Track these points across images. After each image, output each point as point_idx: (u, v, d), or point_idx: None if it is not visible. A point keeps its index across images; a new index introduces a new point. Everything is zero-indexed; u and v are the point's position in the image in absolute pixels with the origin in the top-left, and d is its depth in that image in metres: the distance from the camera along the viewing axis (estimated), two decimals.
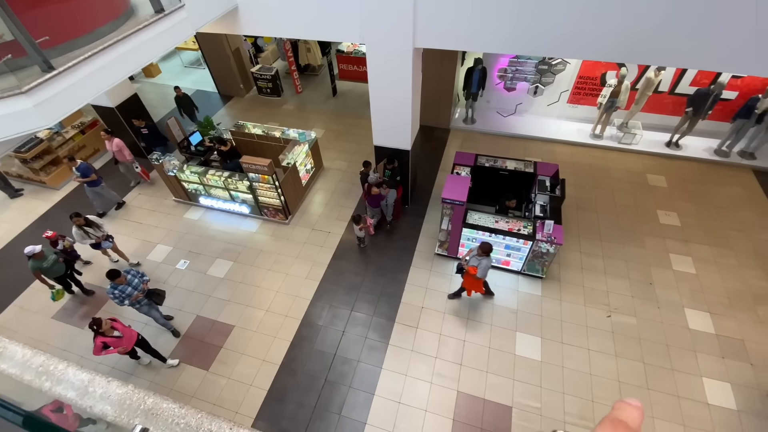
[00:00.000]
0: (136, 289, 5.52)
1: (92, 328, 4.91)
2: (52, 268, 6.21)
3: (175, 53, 14.24)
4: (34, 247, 5.94)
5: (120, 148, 8.20)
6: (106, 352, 5.07)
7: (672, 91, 8.75)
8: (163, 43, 4.71)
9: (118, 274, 5.31)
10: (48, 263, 6.12)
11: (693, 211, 7.69)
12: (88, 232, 6.51)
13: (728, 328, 5.98)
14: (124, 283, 5.42)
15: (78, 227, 6.42)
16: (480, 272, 5.56)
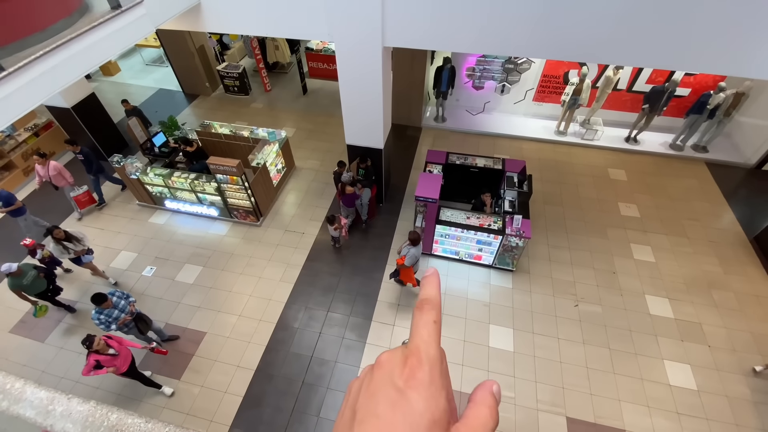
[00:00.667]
0: (123, 312, 5.14)
1: (84, 344, 4.55)
2: (33, 285, 5.82)
3: (136, 50, 13.63)
4: (11, 264, 5.51)
5: (58, 171, 7.33)
6: (96, 372, 4.66)
7: (630, 88, 9.21)
8: (120, 40, 4.50)
9: (105, 298, 4.92)
10: (28, 280, 5.71)
11: (651, 202, 8.13)
12: (67, 247, 6.04)
13: (686, 312, 6.37)
14: (111, 306, 5.02)
15: (57, 241, 5.94)
16: (407, 260, 5.77)
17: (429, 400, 0.37)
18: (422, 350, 0.41)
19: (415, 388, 0.38)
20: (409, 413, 0.36)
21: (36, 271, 5.86)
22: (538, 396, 5.48)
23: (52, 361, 5.96)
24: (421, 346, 0.42)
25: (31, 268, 5.82)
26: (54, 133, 9.44)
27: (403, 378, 0.39)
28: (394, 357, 0.43)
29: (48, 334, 6.27)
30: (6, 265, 5.49)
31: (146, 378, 5.38)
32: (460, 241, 6.60)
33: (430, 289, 0.48)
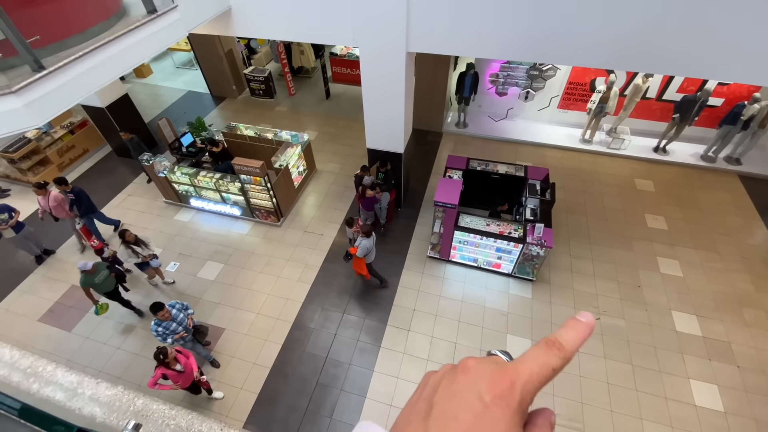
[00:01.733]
0: (180, 325, 5.06)
1: (158, 358, 4.46)
2: (103, 284, 5.88)
3: (168, 54, 14.14)
4: (87, 262, 5.58)
5: (58, 203, 6.88)
6: (160, 387, 4.61)
7: (659, 97, 8.94)
8: (155, 43, 4.69)
9: (161, 306, 4.84)
10: (99, 279, 5.79)
11: (680, 215, 7.84)
12: (136, 251, 6.09)
13: (715, 330, 6.09)
14: (169, 318, 4.94)
15: (127, 245, 6.00)
16: (359, 251, 5.88)
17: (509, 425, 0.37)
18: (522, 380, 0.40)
19: (500, 407, 0.38)
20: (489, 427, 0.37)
21: (108, 271, 5.96)
22: (555, 410, 5.29)
23: (78, 351, 6.18)
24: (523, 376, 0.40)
25: (104, 267, 5.90)
26: (88, 132, 9.86)
27: (490, 393, 0.39)
28: (484, 367, 0.43)
29: (75, 324, 6.51)
30: (82, 262, 5.58)
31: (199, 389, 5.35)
32: (478, 248, 6.53)
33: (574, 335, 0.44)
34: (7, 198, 8.93)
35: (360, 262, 6.14)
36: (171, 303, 5.09)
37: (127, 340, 6.26)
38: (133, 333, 6.34)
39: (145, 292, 6.94)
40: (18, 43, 3.39)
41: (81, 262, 5.59)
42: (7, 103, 3.35)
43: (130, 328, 6.40)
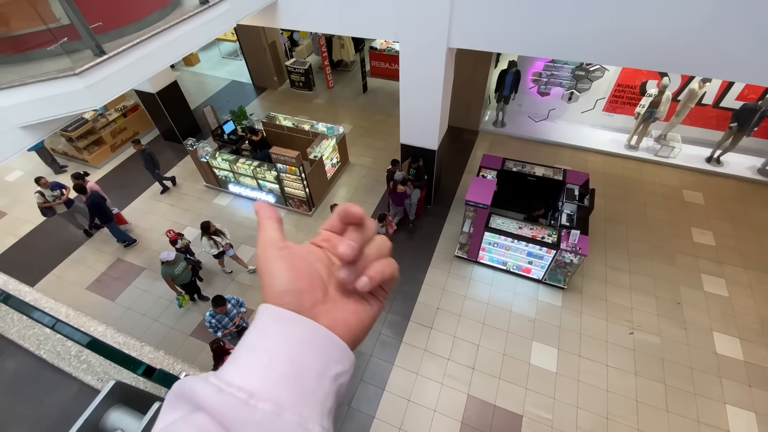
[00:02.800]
0: (231, 321, 5.19)
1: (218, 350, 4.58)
2: (182, 275, 6.02)
3: (215, 44, 14.69)
4: (170, 253, 5.75)
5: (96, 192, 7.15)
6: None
7: (716, 104, 8.34)
8: (205, 33, 4.89)
9: (223, 301, 4.97)
10: (179, 270, 5.92)
11: (730, 231, 7.33)
12: (217, 242, 6.26)
13: (758, 355, 5.68)
14: (224, 312, 5.07)
15: (209, 236, 6.17)
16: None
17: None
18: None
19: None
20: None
21: (186, 262, 6.08)
22: (578, 422, 5.17)
23: (120, 319, 6.61)
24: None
25: (182, 258, 6.02)
26: (139, 115, 10.46)
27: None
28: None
29: (118, 294, 6.97)
30: (165, 253, 5.72)
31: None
32: (509, 251, 6.39)
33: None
34: (63, 174, 9.64)
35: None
36: (228, 297, 5.19)
37: (164, 313, 6.63)
38: (169, 308, 6.69)
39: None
40: (82, 29, 3.64)
41: (164, 252, 5.72)
42: (70, 84, 3.61)
43: (166, 303, 6.77)
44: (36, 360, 1.43)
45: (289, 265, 0.48)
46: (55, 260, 7.59)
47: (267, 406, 0.36)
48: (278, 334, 0.42)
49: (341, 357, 0.45)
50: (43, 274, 7.37)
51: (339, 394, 0.44)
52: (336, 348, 0.45)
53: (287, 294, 0.46)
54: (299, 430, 0.36)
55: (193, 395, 0.37)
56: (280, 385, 0.38)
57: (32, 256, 7.70)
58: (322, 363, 0.42)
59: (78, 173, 7.20)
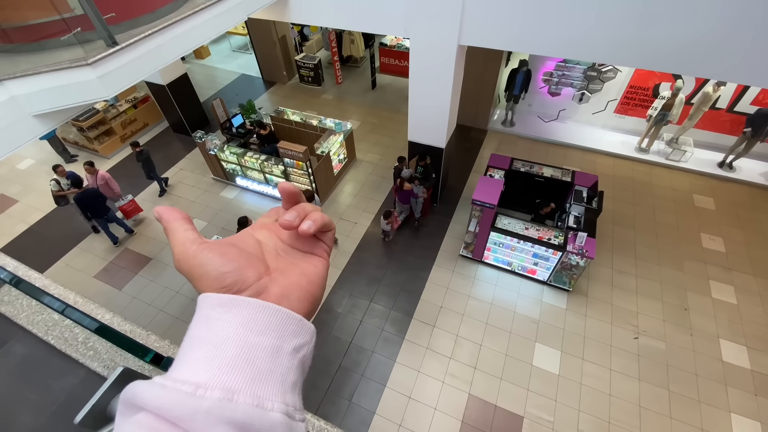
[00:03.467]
0: None
1: None
2: None
3: (225, 37, 14.74)
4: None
5: (106, 181, 7.23)
6: None
7: (731, 108, 8.20)
8: (217, 25, 4.90)
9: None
10: None
11: (741, 238, 7.22)
12: None
13: (765, 365, 5.60)
14: None
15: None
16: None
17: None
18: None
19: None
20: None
21: None
22: (579, 426, 5.14)
23: (126, 308, 6.69)
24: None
25: None
26: (149, 107, 10.53)
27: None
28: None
29: (125, 284, 7.05)
30: None
31: None
32: (514, 252, 6.36)
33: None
34: (74, 163, 9.75)
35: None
36: None
37: (169, 303, 6.70)
38: (175, 299, 6.76)
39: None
40: (96, 19, 3.66)
41: None
42: (83, 74, 3.64)
43: (172, 294, 6.83)
44: (44, 345, 1.45)
45: (218, 251, 0.47)
46: (65, 248, 7.69)
47: (216, 394, 0.34)
48: (221, 321, 0.41)
49: (297, 329, 0.44)
50: (53, 261, 7.47)
51: (303, 366, 0.43)
52: (290, 321, 0.43)
53: (227, 275, 0.45)
54: (256, 411, 0.35)
55: (137, 398, 0.36)
56: (229, 370, 0.37)
57: (42, 244, 7.81)
58: (275, 339, 0.41)
59: (90, 161, 7.27)
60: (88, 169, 7.16)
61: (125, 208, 7.74)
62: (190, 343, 0.41)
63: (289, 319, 0.44)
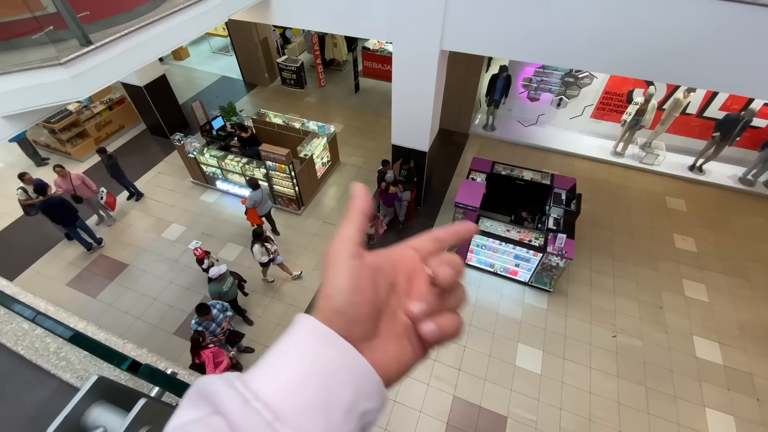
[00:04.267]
0: (219, 326, 5.06)
1: (197, 341, 4.47)
2: (230, 291, 5.61)
3: (205, 38, 14.50)
4: (220, 268, 5.23)
5: (82, 181, 7.04)
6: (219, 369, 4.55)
7: (700, 114, 8.57)
8: (196, 26, 4.82)
9: (208, 310, 4.82)
10: (227, 286, 5.49)
11: (711, 238, 7.53)
12: (268, 249, 6.06)
13: (737, 360, 5.84)
14: (210, 319, 4.93)
15: (261, 244, 5.95)
16: (248, 202, 6.65)
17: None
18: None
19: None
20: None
21: (233, 278, 5.69)
22: (561, 424, 5.23)
23: (101, 316, 6.46)
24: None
25: (229, 273, 5.56)
26: (125, 109, 10.25)
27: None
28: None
29: (100, 291, 6.81)
30: (215, 268, 5.23)
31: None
32: (496, 254, 6.45)
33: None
34: (45, 166, 9.37)
35: (252, 212, 6.82)
36: (212, 303, 5.10)
37: (147, 311, 6.50)
38: (152, 306, 6.57)
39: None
40: (69, 18, 3.55)
41: (214, 268, 5.25)
42: (55, 74, 3.52)
43: (150, 301, 6.63)
44: (14, 356, 1.38)
45: (353, 284, 0.44)
46: (35, 255, 7.37)
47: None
48: (315, 352, 0.40)
49: (373, 393, 0.41)
50: (22, 269, 7.15)
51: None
52: (370, 382, 0.41)
53: (339, 317, 0.43)
54: None
55: (216, 398, 0.35)
56: (307, 412, 0.36)
57: (11, 251, 7.47)
58: (353, 396, 0.39)
59: (59, 165, 6.98)
60: (59, 171, 6.89)
61: (108, 202, 7.52)
62: (279, 356, 0.40)
63: (372, 379, 0.42)
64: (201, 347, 4.58)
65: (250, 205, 6.71)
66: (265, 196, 6.88)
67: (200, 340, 4.57)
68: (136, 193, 8.41)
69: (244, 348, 5.91)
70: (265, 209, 7.05)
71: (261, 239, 5.93)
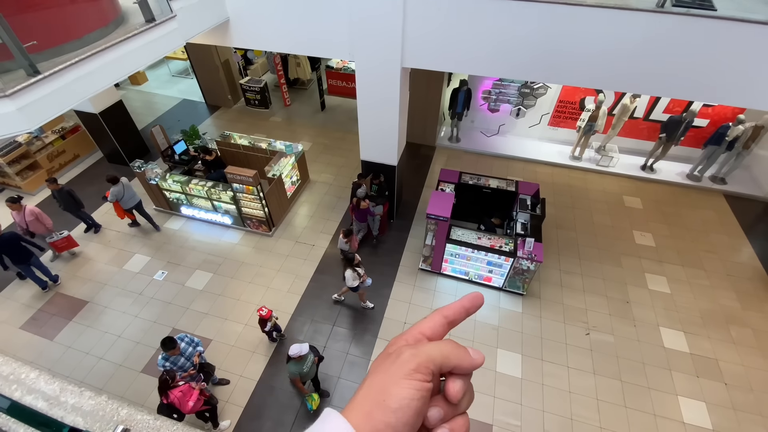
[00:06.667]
0: (188, 361, 4.79)
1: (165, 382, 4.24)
2: (310, 371, 4.98)
3: (164, 62, 14.18)
4: (302, 346, 4.64)
5: (35, 216, 6.66)
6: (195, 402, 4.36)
7: (646, 117, 9.19)
8: (151, 52, 4.71)
9: (175, 343, 4.57)
10: (307, 365, 4.85)
11: (667, 232, 7.98)
12: (359, 273, 5.90)
13: (702, 347, 6.15)
14: (178, 353, 4.68)
15: (353, 268, 5.80)
16: (110, 197, 7.06)
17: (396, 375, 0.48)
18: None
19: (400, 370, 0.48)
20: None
21: (313, 354, 5.01)
22: (545, 426, 5.30)
23: (59, 360, 6.01)
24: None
25: (308, 348, 4.82)
26: (80, 137, 9.79)
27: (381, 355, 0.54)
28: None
29: (58, 333, 6.35)
30: (296, 346, 4.62)
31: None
32: (470, 261, 6.56)
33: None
34: None
35: (116, 206, 7.31)
36: (180, 336, 4.86)
37: (111, 350, 6.11)
38: (117, 344, 6.19)
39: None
40: (14, 48, 3.38)
41: (295, 346, 4.65)
42: (1, 106, 3.32)
43: (113, 339, 6.25)
44: None
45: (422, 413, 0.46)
46: None
47: None
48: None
49: None
50: None
51: None
52: None
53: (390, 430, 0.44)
54: None
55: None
56: None
57: None
58: None
59: (12, 197, 6.54)
60: (12, 206, 6.45)
61: (57, 244, 7.06)
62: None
63: None
64: (169, 387, 4.33)
65: (112, 199, 7.08)
66: (128, 190, 7.24)
67: (168, 381, 4.31)
68: (94, 225, 7.98)
69: (218, 381, 5.65)
70: (132, 203, 7.40)
71: (353, 264, 5.85)
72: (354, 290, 6.18)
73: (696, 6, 4.12)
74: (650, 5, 4.13)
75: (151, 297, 6.81)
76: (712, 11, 4.05)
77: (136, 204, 7.55)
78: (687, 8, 4.09)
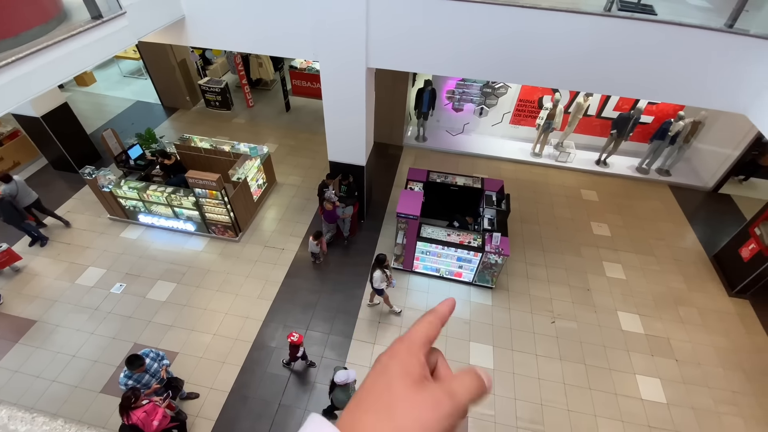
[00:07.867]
0: (154, 377, 4.57)
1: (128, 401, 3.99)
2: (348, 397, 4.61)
3: (113, 62, 13.39)
4: (349, 373, 4.30)
5: None
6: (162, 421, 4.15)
7: (599, 114, 9.72)
8: (99, 51, 4.43)
9: (142, 362, 4.35)
10: (353, 392, 4.50)
11: (621, 222, 8.49)
12: (388, 276, 5.75)
13: (655, 328, 6.59)
14: (143, 371, 4.46)
15: (383, 269, 5.66)
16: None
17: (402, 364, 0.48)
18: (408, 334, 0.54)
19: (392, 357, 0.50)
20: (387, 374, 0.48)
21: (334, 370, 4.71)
22: (517, 413, 5.48)
23: (5, 386, 5.53)
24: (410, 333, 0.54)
25: (355, 375, 4.56)
26: (20, 143, 9.05)
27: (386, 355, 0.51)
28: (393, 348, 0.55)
29: (2, 356, 5.83)
30: (343, 372, 4.28)
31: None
32: (441, 258, 6.66)
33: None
34: None
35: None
36: (145, 351, 4.61)
37: (65, 371, 5.69)
38: (71, 364, 5.77)
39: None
40: None
41: (341, 373, 4.35)
42: None
43: (67, 359, 5.82)
44: None
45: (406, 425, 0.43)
46: None
47: None
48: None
49: None
50: None
51: None
52: None
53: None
54: None
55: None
56: None
57: None
58: None
59: None
60: None
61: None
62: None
63: None
64: (131, 407, 4.08)
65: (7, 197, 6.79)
66: (22, 188, 7.03)
67: (132, 400, 4.06)
68: (40, 237, 7.39)
69: (186, 395, 5.40)
70: (28, 200, 7.18)
71: (383, 265, 5.69)
72: (379, 293, 6.10)
73: (639, 10, 4.42)
74: (599, 9, 4.38)
75: (109, 312, 6.41)
76: (653, 15, 4.35)
77: (34, 202, 7.26)
78: (631, 12, 4.37)
